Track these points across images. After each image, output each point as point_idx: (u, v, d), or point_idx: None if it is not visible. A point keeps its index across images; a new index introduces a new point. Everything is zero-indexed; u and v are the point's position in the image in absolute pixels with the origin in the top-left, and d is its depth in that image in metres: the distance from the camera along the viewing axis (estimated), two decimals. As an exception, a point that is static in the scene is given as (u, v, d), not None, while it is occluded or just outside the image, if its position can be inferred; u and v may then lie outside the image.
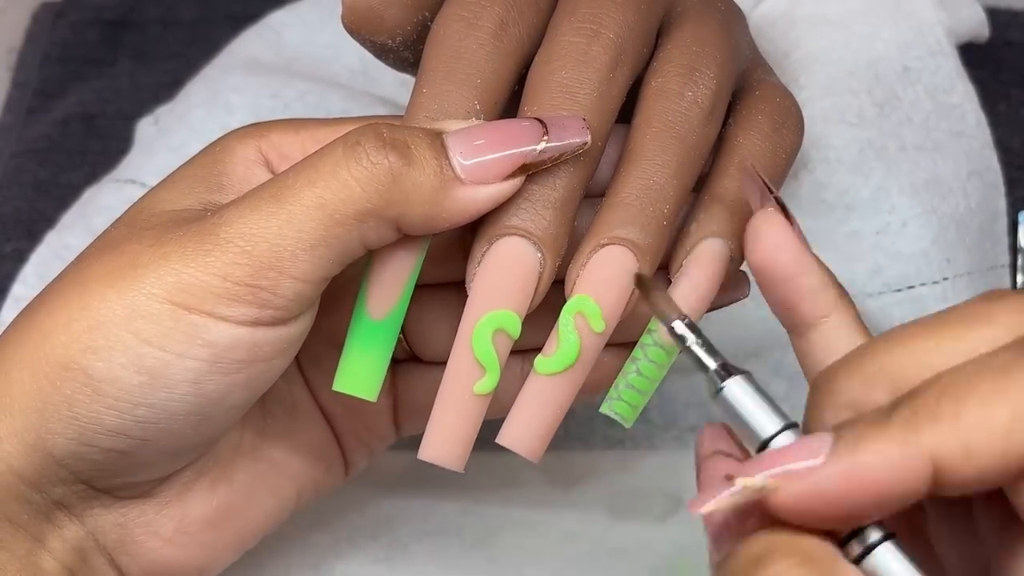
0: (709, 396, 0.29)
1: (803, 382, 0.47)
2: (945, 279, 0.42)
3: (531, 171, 0.31)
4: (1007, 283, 0.45)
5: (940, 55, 0.45)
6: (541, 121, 0.31)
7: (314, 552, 0.44)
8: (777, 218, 0.31)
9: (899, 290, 0.42)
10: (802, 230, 0.32)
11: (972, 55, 0.49)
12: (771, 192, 0.31)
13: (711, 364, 0.29)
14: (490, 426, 0.48)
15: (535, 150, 0.31)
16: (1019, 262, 0.48)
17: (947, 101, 0.45)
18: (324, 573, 0.43)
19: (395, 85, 0.51)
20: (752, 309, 0.44)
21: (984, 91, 0.49)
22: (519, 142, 0.31)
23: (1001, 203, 0.46)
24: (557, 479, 0.45)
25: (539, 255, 0.32)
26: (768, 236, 0.30)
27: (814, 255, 0.31)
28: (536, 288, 0.32)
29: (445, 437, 0.32)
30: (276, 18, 0.53)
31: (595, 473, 0.45)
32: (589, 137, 0.31)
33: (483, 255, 0.32)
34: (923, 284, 0.42)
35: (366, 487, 0.44)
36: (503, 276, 0.31)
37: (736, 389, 0.28)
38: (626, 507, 0.45)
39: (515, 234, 0.32)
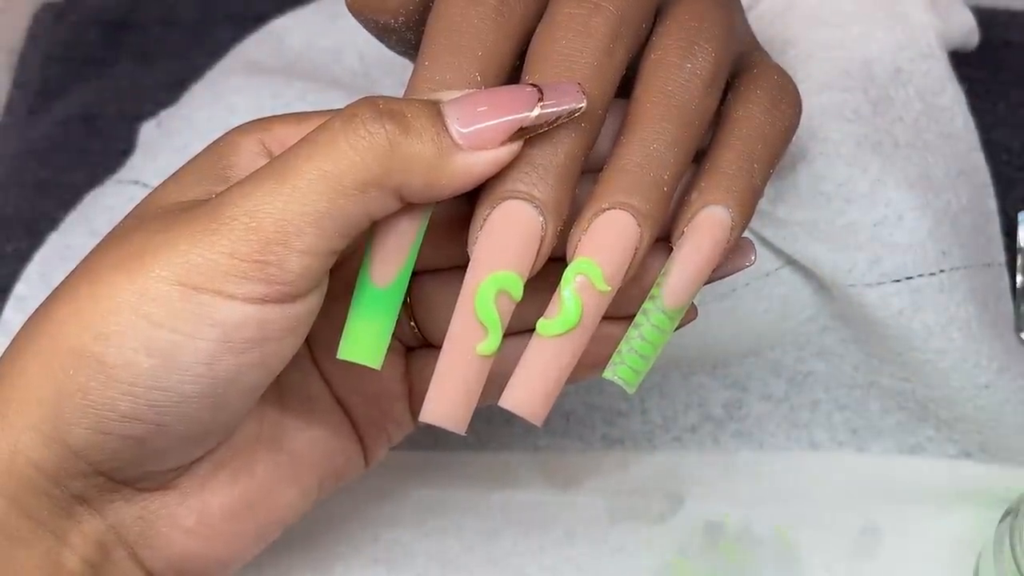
0: None
1: (803, 382, 0.47)
2: (942, 271, 0.42)
3: (528, 135, 0.31)
4: (1004, 280, 0.45)
5: (931, 58, 0.45)
6: (536, 87, 0.31)
7: (314, 553, 0.44)
8: None
9: (898, 280, 0.42)
10: None
11: (971, 56, 0.49)
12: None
13: None
14: (488, 425, 0.47)
15: (530, 115, 0.31)
16: (1019, 262, 0.48)
17: (937, 103, 0.45)
18: (323, 573, 0.43)
19: (396, 87, 0.51)
20: (751, 306, 0.45)
21: (983, 91, 0.49)
22: (515, 107, 0.31)
23: (991, 204, 0.46)
24: (557, 479, 0.45)
25: (541, 219, 0.32)
26: None
27: None
28: (538, 251, 0.32)
29: (447, 398, 0.32)
30: (278, 23, 0.53)
31: (595, 473, 0.45)
32: (585, 101, 0.31)
33: (485, 219, 0.32)
34: (920, 275, 0.42)
35: (366, 487, 0.44)
36: (506, 238, 0.32)
37: None
38: (626, 507, 0.45)
39: (517, 197, 0.32)
